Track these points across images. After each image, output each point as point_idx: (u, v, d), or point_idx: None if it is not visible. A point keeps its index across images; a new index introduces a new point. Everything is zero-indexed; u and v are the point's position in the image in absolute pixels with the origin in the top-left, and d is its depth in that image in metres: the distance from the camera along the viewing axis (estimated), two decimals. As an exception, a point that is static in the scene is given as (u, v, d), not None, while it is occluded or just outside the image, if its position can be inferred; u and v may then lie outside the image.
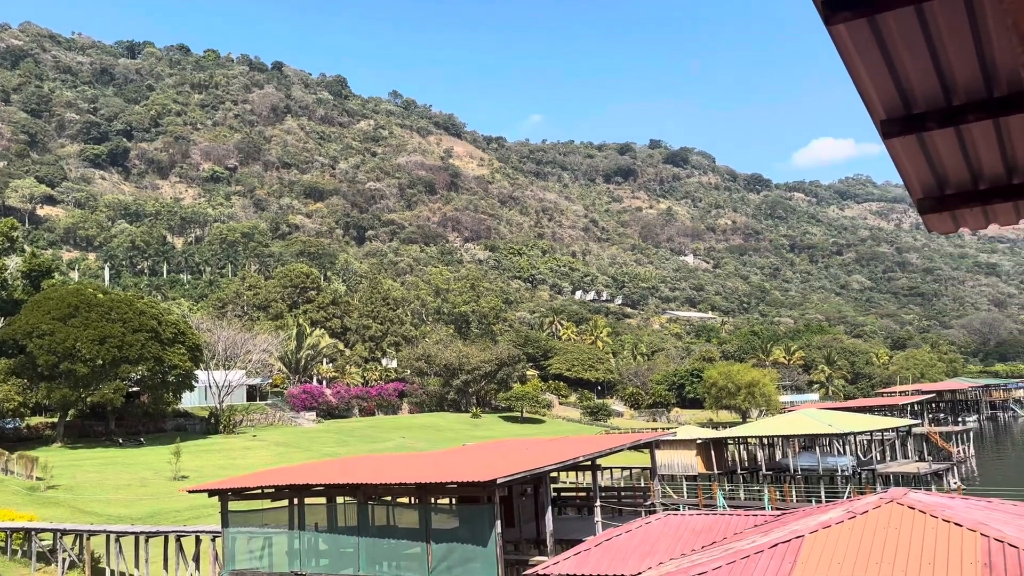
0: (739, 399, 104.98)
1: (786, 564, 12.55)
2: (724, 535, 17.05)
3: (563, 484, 40.72)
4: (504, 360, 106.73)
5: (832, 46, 3.92)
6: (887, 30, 3.72)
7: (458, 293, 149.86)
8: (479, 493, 24.58)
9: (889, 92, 4.26)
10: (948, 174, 5.18)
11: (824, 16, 3.63)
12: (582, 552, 18.15)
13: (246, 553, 28.03)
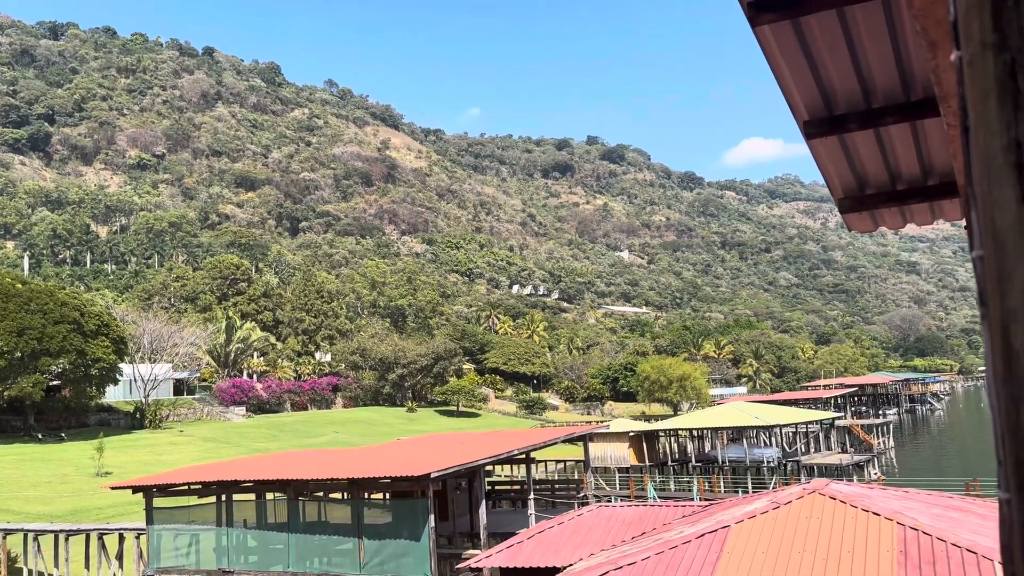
0: (671, 392, 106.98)
1: (712, 553, 12.84)
2: (654, 526, 17.35)
3: (498, 478, 40.87)
4: (441, 354, 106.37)
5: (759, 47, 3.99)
6: (810, 33, 3.80)
7: (394, 286, 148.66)
8: (413, 487, 24.45)
9: (811, 93, 4.36)
10: (868, 175, 5.34)
11: (749, 17, 3.68)
12: (515, 544, 18.25)
13: (172, 551, 27.36)
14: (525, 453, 28.94)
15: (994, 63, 1.06)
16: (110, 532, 30.59)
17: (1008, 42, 1.05)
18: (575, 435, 35.85)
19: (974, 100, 1.09)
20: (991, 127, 1.06)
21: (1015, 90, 1.05)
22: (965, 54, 1.10)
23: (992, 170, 1.06)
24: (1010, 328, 1.01)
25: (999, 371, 1.02)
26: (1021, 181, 1.03)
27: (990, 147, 1.06)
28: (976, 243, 1.18)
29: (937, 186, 5.36)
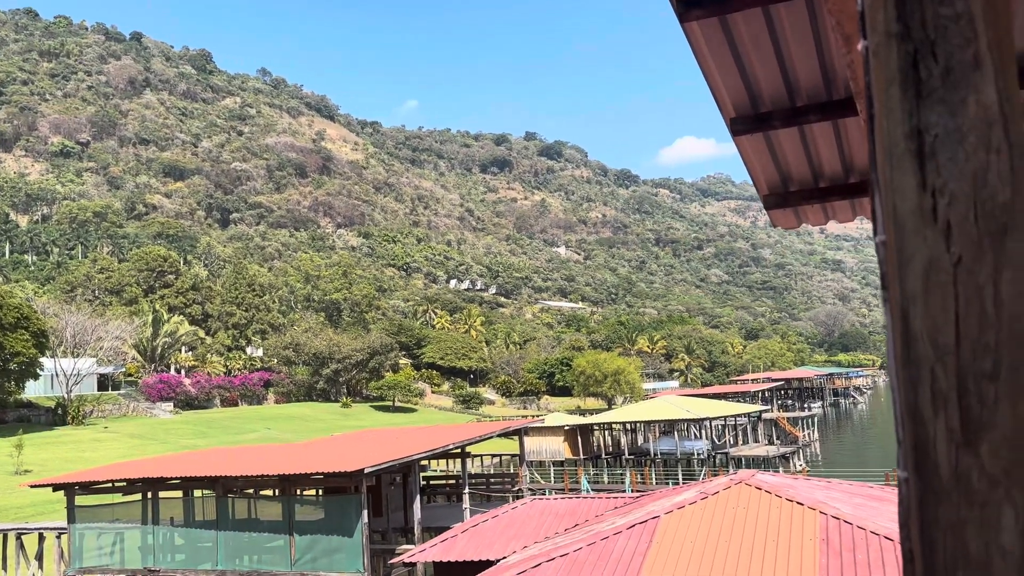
0: (605, 387, 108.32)
1: (642, 543, 13.07)
2: (586, 517, 17.55)
3: (433, 472, 40.76)
4: (376, 349, 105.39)
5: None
6: (736, 30, 3.88)
7: (329, 280, 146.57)
8: (346, 483, 24.22)
9: (738, 91, 4.45)
10: (791, 172, 5.48)
11: (679, 14, 3.74)
12: (448, 539, 18.23)
13: (95, 550, 26.56)
14: (460, 448, 28.93)
15: (897, 53, 1.08)
16: (29, 532, 29.50)
17: (911, 33, 1.07)
18: (510, 429, 36.02)
19: (878, 89, 1.10)
20: (894, 115, 1.08)
21: (917, 79, 1.07)
22: (871, 44, 1.12)
23: (894, 157, 1.07)
24: (909, 312, 1.03)
25: (899, 354, 1.04)
26: (922, 168, 1.05)
27: (893, 134, 1.07)
28: (879, 229, 1.22)
29: (857, 184, 5.55)
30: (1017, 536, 0.95)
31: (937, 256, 1.02)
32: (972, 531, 0.96)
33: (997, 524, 0.96)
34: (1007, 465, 0.97)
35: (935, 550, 0.99)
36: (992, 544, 0.96)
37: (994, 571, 0.95)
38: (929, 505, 0.99)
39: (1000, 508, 0.96)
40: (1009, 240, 1.00)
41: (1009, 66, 1.05)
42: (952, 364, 1.00)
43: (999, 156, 1.03)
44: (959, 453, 0.98)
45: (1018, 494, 0.96)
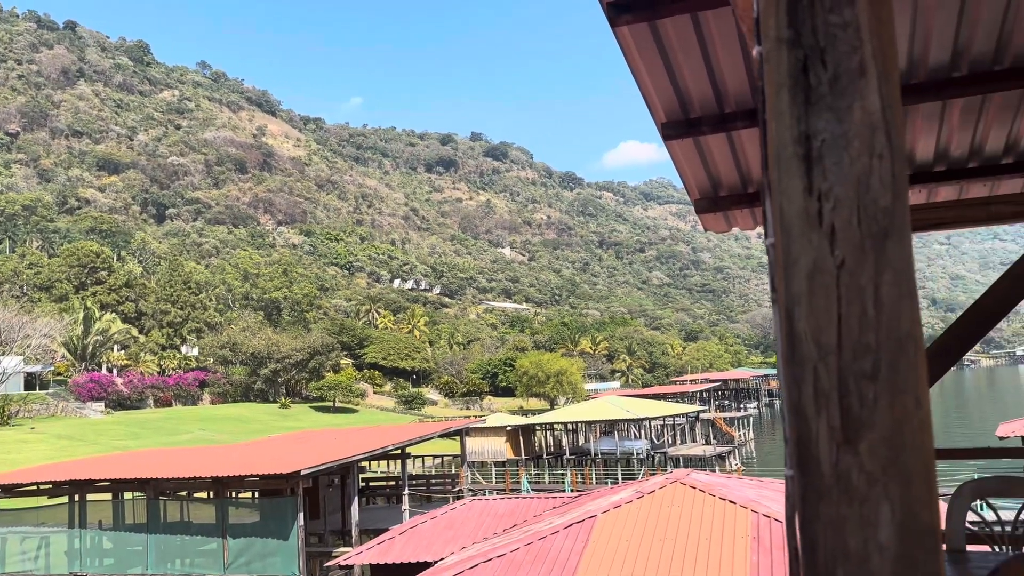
0: (548, 387, 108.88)
1: (579, 543, 13.17)
2: (525, 518, 17.61)
3: (373, 474, 40.41)
4: (317, 349, 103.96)
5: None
6: (666, 35, 3.94)
7: (269, 278, 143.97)
8: (282, 485, 23.83)
9: (668, 96, 4.52)
10: (721, 177, 5.60)
11: (609, 18, 3.78)
12: (386, 541, 18.09)
13: (18, 555, 25.63)
14: (400, 449, 28.74)
15: (788, 59, 1.09)
16: (-56, 538, 28.19)
17: (802, 39, 1.09)
18: (451, 430, 35.93)
19: (769, 93, 1.11)
20: (783, 120, 1.09)
21: (807, 85, 1.08)
22: (763, 50, 1.13)
23: (783, 161, 1.09)
24: (794, 312, 1.05)
25: (784, 353, 1.06)
26: (809, 172, 1.06)
27: (782, 139, 1.09)
28: (768, 231, 1.26)
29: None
30: (894, 532, 0.96)
31: (821, 258, 1.04)
32: (852, 528, 0.98)
33: (875, 521, 0.97)
34: (885, 463, 0.98)
35: (816, 547, 1.00)
36: (871, 541, 0.97)
37: (872, 567, 0.96)
38: (811, 502, 1.01)
39: (878, 505, 0.97)
40: (889, 243, 1.02)
41: (892, 74, 1.07)
42: (834, 364, 1.01)
43: (882, 161, 1.04)
44: (840, 451, 0.99)
45: (895, 492, 0.97)
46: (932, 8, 3.74)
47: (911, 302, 1.03)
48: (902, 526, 0.97)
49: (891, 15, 1.10)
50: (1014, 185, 5.53)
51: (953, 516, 4.00)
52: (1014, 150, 5.23)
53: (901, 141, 1.07)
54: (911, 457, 0.99)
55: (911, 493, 0.97)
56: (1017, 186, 5.54)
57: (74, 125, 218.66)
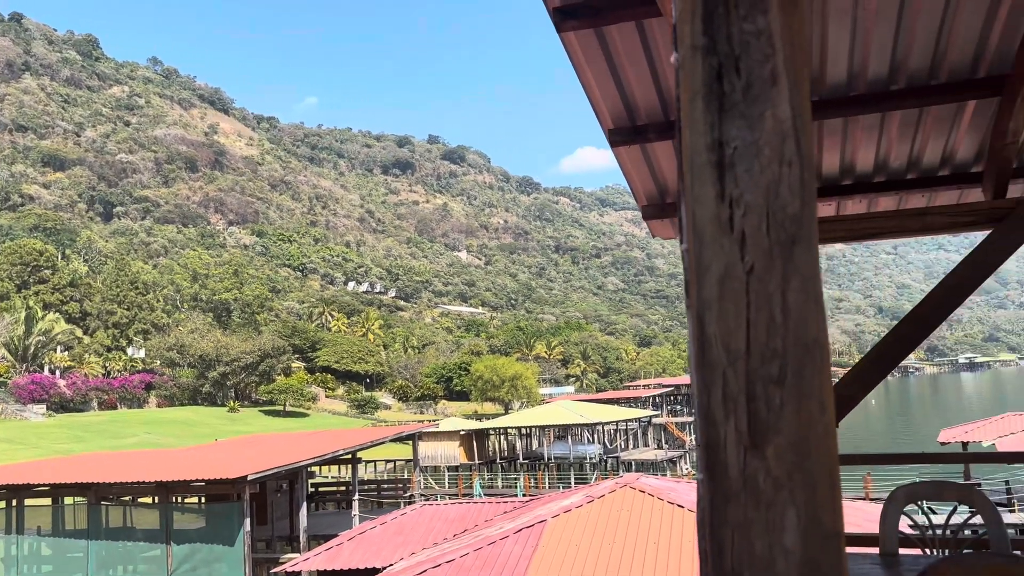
0: (503, 391, 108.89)
1: (528, 547, 13.16)
2: (476, 522, 17.55)
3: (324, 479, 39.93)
4: (268, 351, 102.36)
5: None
6: (612, 43, 3.95)
7: (219, 279, 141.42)
8: (228, 491, 23.38)
9: (615, 102, 4.54)
10: (667, 183, 5.64)
11: (555, 23, 3.78)
12: (334, 547, 17.86)
13: (-51, 564, 24.68)
14: (351, 453, 28.43)
15: (703, 66, 1.10)
16: None
17: (717, 47, 1.10)
18: (403, 434, 35.67)
19: (684, 100, 1.13)
20: (697, 127, 1.10)
21: (721, 93, 1.09)
22: (679, 57, 1.14)
23: (696, 167, 1.10)
24: (705, 317, 1.06)
25: (695, 358, 1.07)
26: (721, 179, 1.08)
27: (695, 146, 1.10)
28: (683, 237, 1.26)
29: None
30: (799, 537, 0.97)
31: (732, 264, 1.05)
32: (758, 532, 0.99)
33: (781, 525, 0.98)
34: (791, 468, 0.99)
35: (724, 550, 1.01)
36: (776, 545, 0.98)
37: (777, 571, 0.97)
38: (719, 506, 1.01)
39: (784, 510, 0.98)
40: (797, 250, 1.04)
41: (803, 83, 1.08)
42: (742, 369, 1.02)
43: (791, 169, 1.06)
44: (747, 455, 1.01)
45: (800, 496, 0.98)
46: (871, 22, 3.81)
47: (817, 308, 1.04)
48: (807, 530, 0.98)
49: (803, 24, 1.11)
50: (950, 197, 5.68)
51: (887, 520, 4.08)
52: (950, 163, 5.37)
53: (810, 149, 1.08)
54: (816, 462, 1.00)
55: (816, 497, 0.98)
56: (953, 197, 5.69)
57: (18, 119, 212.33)
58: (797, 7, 1.13)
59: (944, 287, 4.89)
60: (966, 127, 4.87)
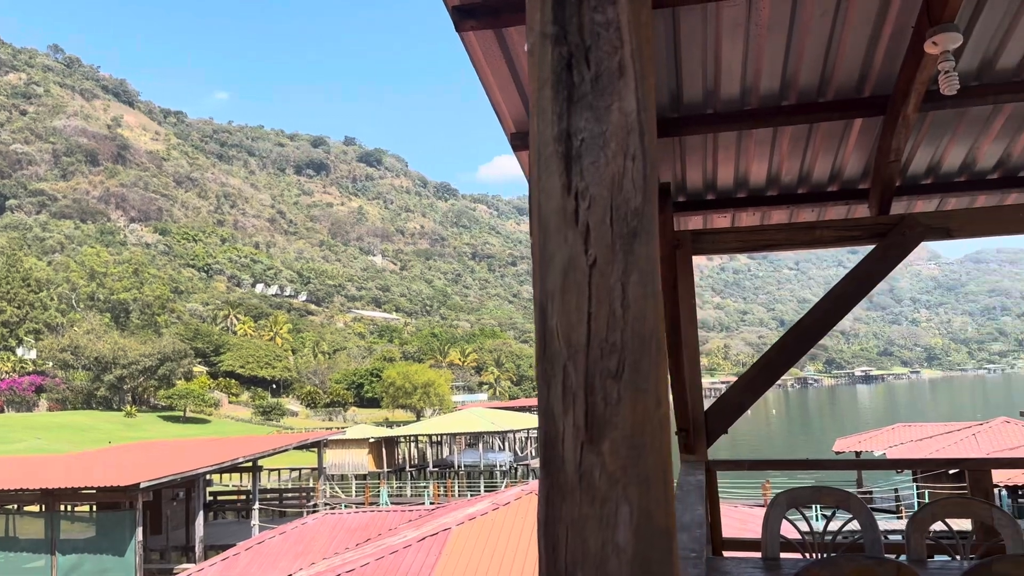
0: (415, 399, 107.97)
1: (432, 556, 13.01)
2: (380, 531, 17.26)
3: (225, 487, 38.62)
4: (168, 355, 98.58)
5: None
6: (512, 45, 3.92)
7: (118, 278, 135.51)
8: (120, 498, 22.32)
9: (517, 106, 4.51)
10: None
11: (455, 22, 3.72)
12: (230, 557, 17.25)
13: None
14: (252, 461, 27.59)
15: (552, 55, 1.10)
16: None
17: (567, 36, 1.09)
18: (307, 442, 34.88)
19: (532, 89, 1.12)
20: (545, 117, 1.10)
21: (570, 83, 1.08)
22: (529, 44, 1.13)
23: (543, 158, 1.09)
24: (547, 309, 1.06)
25: (537, 351, 1.07)
26: (568, 171, 1.07)
27: (543, 136, 1.10)
28: (532, 229, 1.21)
29: None
30: (631, 534, 0.97)
31: (575, 257, 1.05)
32: (592, 528, 0.98)
33: (615, 522, 0.98)
34: (625, 463, 0.99)
35: (557, 548, 1.00)
36: (609, 543, 0.98)
37: (609, 569, 0.97)
38: (555, 503, 1.01)
39: (618, 506, 0.98)
40: (637, 244, 1.04)
41: (649, 76, 1.09)
42: (582, 362, 1.02)
43: (635, 163, 1.06)
44: (583, 450, 1.00)
45: (634, 492, 0.98)
46: (763, 38, 3.90)
47: (655, 302, 1.04)
48: (639, 527, 0.97)
49: (649, 17, 1.11)
50: (839, 212, 5.91)
51: (769, 525, 4.17)
52: (838, 179, 5.58)
53: (653, 144, 1.08)
54: (650, 457, 1.00)
55: (649, 493, 0.99)
56: (842, 213, 5.92)
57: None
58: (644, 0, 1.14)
59: (829, 300, 5.07)
60: (853, 145, 5.06)
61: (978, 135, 5.05)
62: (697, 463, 5.05)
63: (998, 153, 5.30)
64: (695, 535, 2.85)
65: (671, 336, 4.90)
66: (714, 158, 5.18)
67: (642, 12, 1.10)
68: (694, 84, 4.33)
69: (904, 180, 5.59)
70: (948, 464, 5.89)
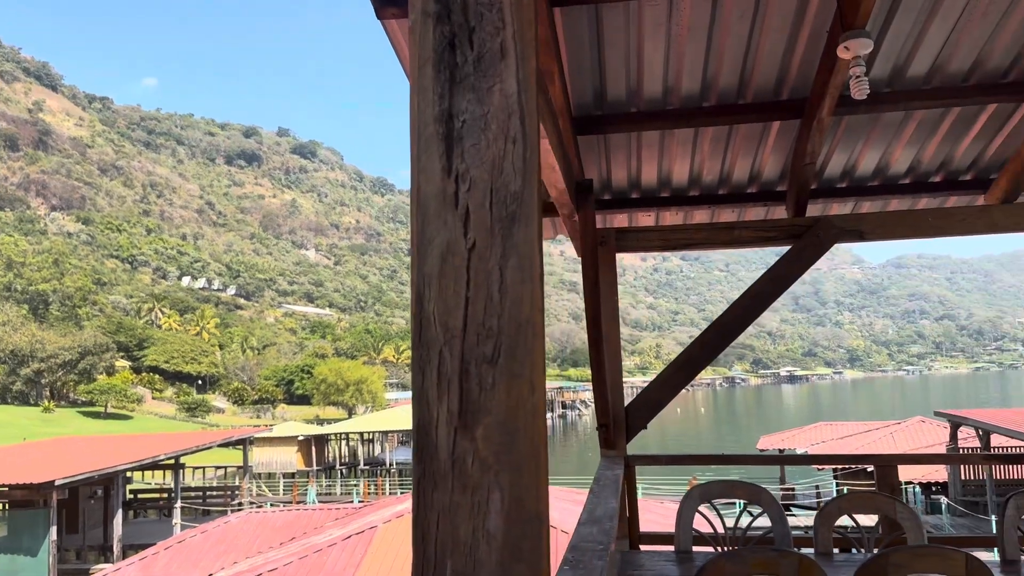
0: (347, 396, 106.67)
1: (356, 555, 12.86)
2: (305, 530, 16.98)
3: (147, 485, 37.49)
4: (89, 348, 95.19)
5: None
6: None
7: (36, 268, 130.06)
8: (33, 497, 21.43)
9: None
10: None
11: (375, 8, 3.65)
12: (149, 556, 16.73)
13: None
14: (174, 458, 26.82)
15: (434, 34, 1.10)
16: None
17: (451, 16, 1.08)
18: (232, 439, 34.11)
19: (413, 68, 1.11)
20: (426, 96, 1.10)
21: (453, 63, 1.08)
22: (411, 21, 1.12)
23: (423, 139, 1.09)
24: (424, 294, 1.06)
25: (414, 336, 1.08)
26: (448, 153, 1.06)
27: (424, 116, 1.09)
28: (411, 212, 1.18)
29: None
30: (502, 520, 0.98)
31: (454, 240, 1.05)
32: (463, 516, 0.99)
33: (486, 509, 0.98)
34: (498, 449, 0.99)
35: (428, 536, 1.00)
36: (480, 529, 0.98)
37: (480, 556, 0.97)
38: (427, 490, 1.01)
39: (489, 492, 0.99)
40: (516, 228, 1.04)
41: (529, 59, 1.08)
42: (458, 348, 1.02)
43: (515, 146, 1.06)
44: (457, 437, 1.00)
45: (506, 478, 0.98)
46: (684, 38, 3.95)
47: (532, 288, 1.04)
48: (510, 513, 0.98)
49: (532, 0, 1.10)
50: (758, 213, 6.04)
51: (682, 518, 4.23)
52: (757, 180, 5.70)
53: (534, 127, 1.07)
54: (523, 443, 1.00)
55: (521, 480, 0.99)
56: (761, 214, 6.05)
57: None
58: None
59: (747, 298, 5.17)
60: (771, 147, 5.17)
61: (891, 140, 5.22)
62: (616, 458, 5.09)
63: (909, 159, 5.49)
64: (605, 528, 2.87)
65: (592, 332, 4.94)
66: (638, 156, 5.23)
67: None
68: (617, 82, 4.36)
69: (820, 183, 5.74)
70: (855, 460, 6.10)
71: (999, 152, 5.36)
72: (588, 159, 5.20)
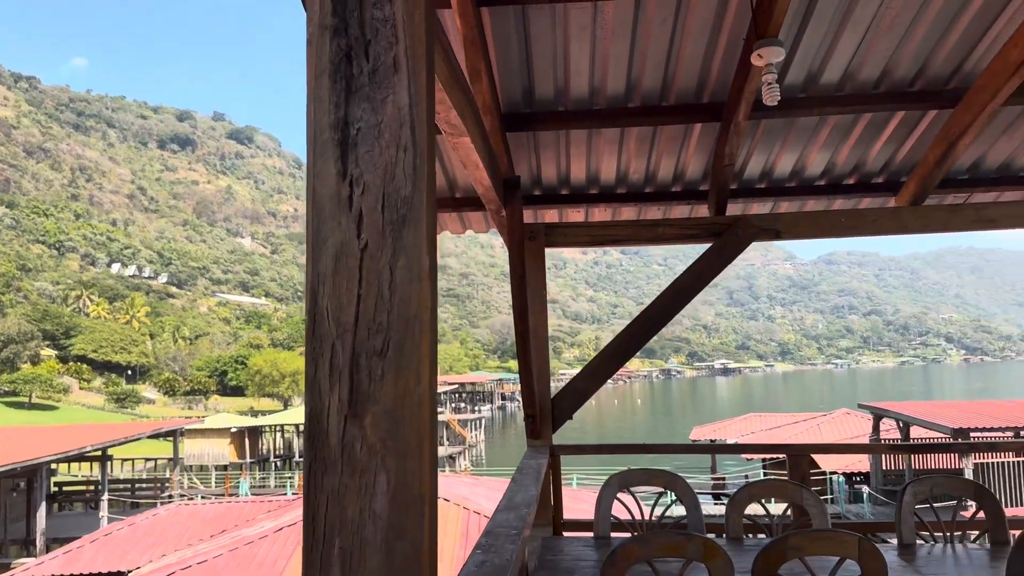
0: (283, 387, 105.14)
1: (289, 547, 12.78)
2: (236, 522, 16.77)
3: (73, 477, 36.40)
4: (13, 336, 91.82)
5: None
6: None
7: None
8: (-52, 491, 20.64)
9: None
10: (457, 179, 5.77)
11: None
12: (74, 550, 16.31)
13: None
14: (101, 450, 26.12)
15: (331, 46, 1.17)
16: None
17: (348, 29, 1.17)
18: (162, 431, 33.38)
19: (310, 77, 1.18)
20: (323, 105, 1.17)
21: (349, 74, 1.16)
22: (308, 33, 1.19)
23: (319, 144, 1.18)
24: (318, 291, 1.14)
25: (307, 330, 1.15)
26: (343, 158, 1.15)
27: (320, 123, 1.17)
28: (307, 213, 1.28)
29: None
30: (388, 502, 1.07)
31: (348, 241, 1.13)
32: (351, 498, 1.07)
33: (372, 491, 1.07)
34: (385, 435, 1.08)
35: (317, 518, 1.09)
36: (366, 510, 1.07)
37: (366, 534, 1.06)
38: (317, 475, 1.10)
39: (376, 475, 1.07)
40: (406, 230, 1.13)
41: (420, 73, 1.16)
42: (349, 341, 1.11)
43: (406, 154, 1.15)
44: (347, 424, 1.09)
45: (392, 462, 1.08)
46: (608, 41, 4.07)
47: (420, 286, 1.12)
48: (395, 494, 1.07)
49: (423, 16, 1.18)
50: (682, 211, 6.23)
51: (600, 505, 4.38)
52: (681, 180, 5.89)
53: (424, 137, 1.16)
54: (409, 430, 1.09)
55: (406, 464, 1.08)
56: (685, 212, 6.25)
57: None
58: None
59: (670, 293, 5.36)
60: (694, 148, 5.36)
61: (806, 144, 5.46)
62: (542, 447, 5.22)
63: (824, 162, 5.74)
64: (521, 514, 2.98)
65: (519, 325, 5.05)
66: (567, 154, 5.36)
67: (415, 11, 1.17)
68: (545, 82, 4.47)
69: (741, 183, 5.96)
70: (770, 449, 6.38)
71: (908, 156, 5.65)
72: (518, 156, 5.30)
